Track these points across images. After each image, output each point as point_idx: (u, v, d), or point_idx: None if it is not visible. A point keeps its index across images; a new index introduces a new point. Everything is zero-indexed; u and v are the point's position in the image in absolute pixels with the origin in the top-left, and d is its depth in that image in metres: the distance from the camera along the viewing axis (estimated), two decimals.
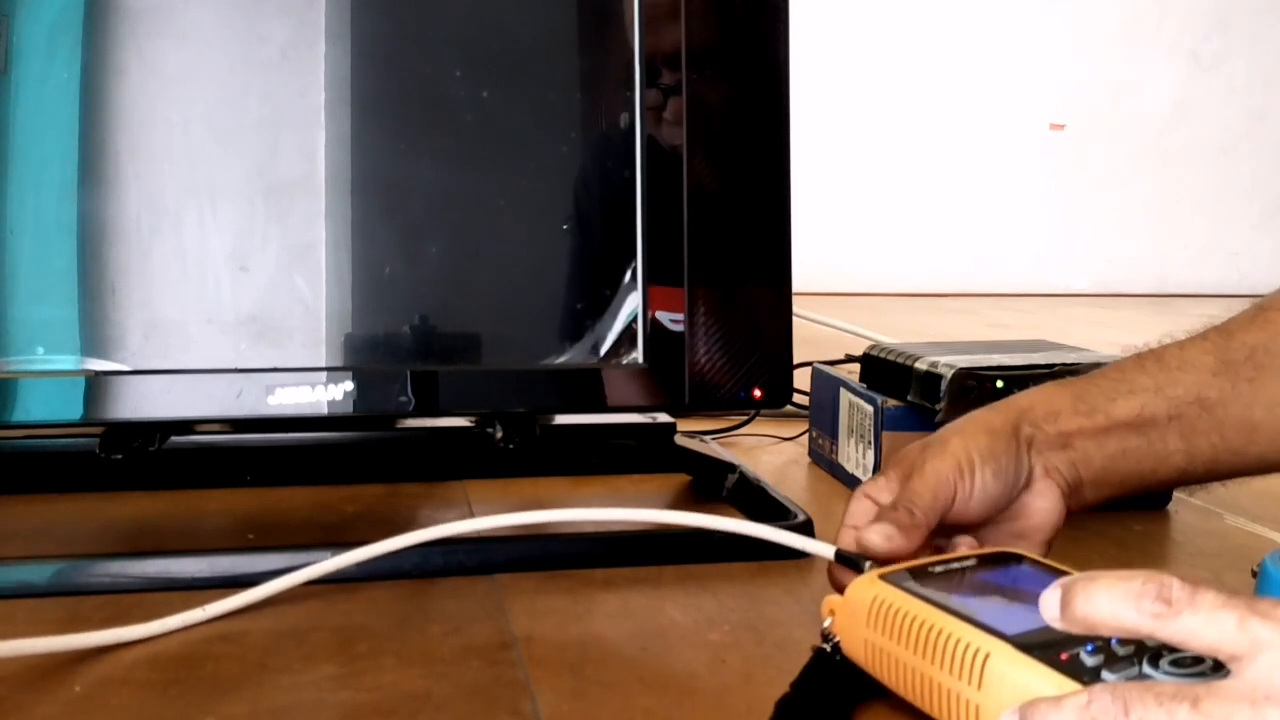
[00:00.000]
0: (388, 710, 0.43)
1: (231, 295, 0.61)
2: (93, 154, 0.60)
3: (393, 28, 0.63)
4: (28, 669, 0.45)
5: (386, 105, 0.63)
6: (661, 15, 0.64)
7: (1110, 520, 0.70)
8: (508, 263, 0.65)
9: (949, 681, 0.39)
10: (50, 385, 0.59)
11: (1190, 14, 3.29)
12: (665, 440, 0.79)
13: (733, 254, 0.65)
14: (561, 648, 0.49)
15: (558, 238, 0.65)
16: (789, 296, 0.66)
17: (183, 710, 0.42)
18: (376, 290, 0.62)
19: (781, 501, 0.66)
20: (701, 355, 0.65)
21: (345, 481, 0.75)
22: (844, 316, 1.50)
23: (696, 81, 0.64)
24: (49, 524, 0.66)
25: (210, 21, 0.61)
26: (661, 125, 0.60)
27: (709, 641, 0.50)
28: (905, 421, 0.71)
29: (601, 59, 0.65)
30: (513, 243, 0.65)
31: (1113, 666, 0.36)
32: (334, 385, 0.61)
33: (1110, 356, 0.73)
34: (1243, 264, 3.38)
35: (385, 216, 0.63)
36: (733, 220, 0.65)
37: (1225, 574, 0.61)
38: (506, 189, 0.64)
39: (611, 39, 0.65)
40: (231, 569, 0.55)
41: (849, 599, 0.44)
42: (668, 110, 0.56)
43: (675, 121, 0.59)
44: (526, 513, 0.55)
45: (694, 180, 0.65)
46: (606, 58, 0.65)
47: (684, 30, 0.64)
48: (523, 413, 0.65)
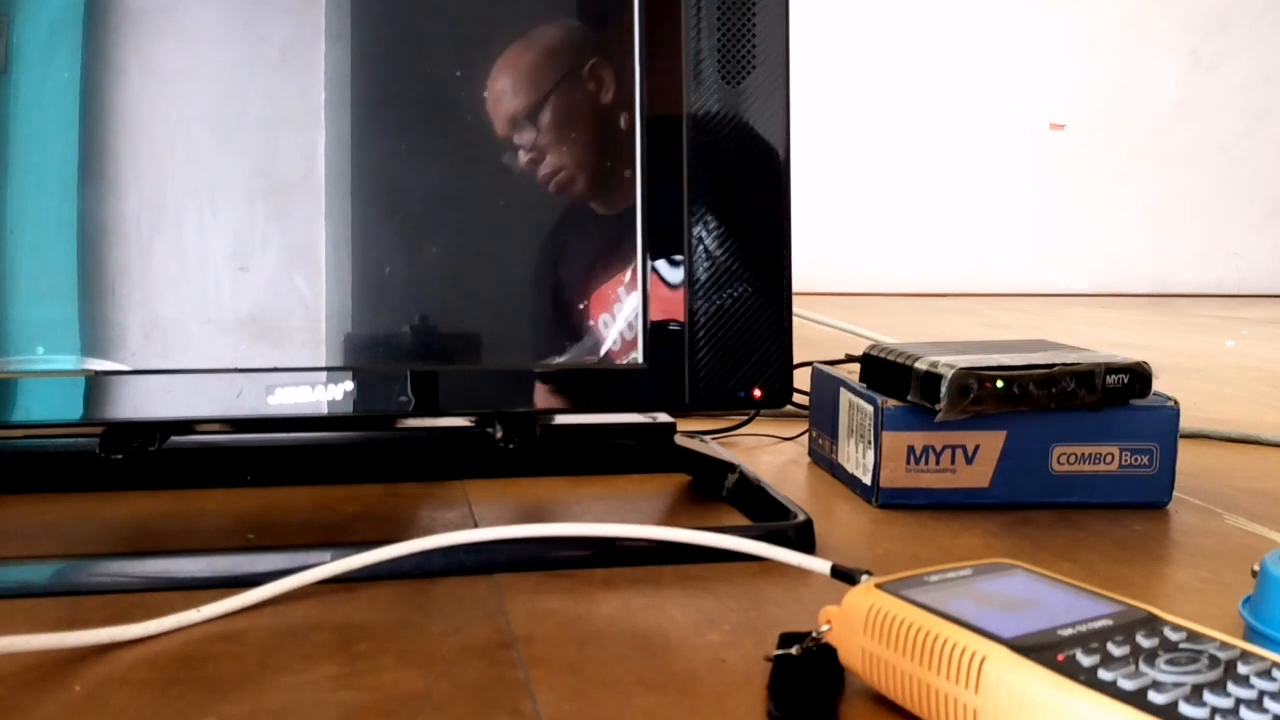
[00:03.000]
0: (388, 710, 0.43)
1: (231, 295, 0.61)
2: (93, 154, 0.60)
3: (393, 28, 0.63)
4: (27, 669, 0.45)
5: (386, 105, 0.63)
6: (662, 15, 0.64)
7: (1110, 520, 0.70)
8: (508, 263, 0.65)
9: (946, 686, 0.39)
10: (50, 385, 0.59)
11: (1190, 14, 3.29)
12: (665, 440, 0.79)
13: (733, 253, 0.65)
14: (561, 648, 0.49)
15: (558, 238, 0.65)
16: (789, 296, 0.66)
17: (183, 710, 0.42)
18: (376, 290, 0.62)
19: (781, 502, 0.66)
20: (701, 355, 0.65)
21: (345, 481, 0.75)
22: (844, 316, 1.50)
23: (696, 81, 0.64)
24: (49, 524, 0.66)
25: (210, 21, 0.61)
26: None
27: (709, 641, 0.50)
28: (905, 421, 0.71)
29: (602, 59, 0.65)
30: (513, 242, 0.65)
31: (1109, 667, 0.36)
32: (334, 385, 0.61)
33: (1110, 356, 0.74)
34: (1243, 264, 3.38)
35: (385, 216, 0.63)
36: (733, 220, 0.65)
37: (1225, 574, 0.61)
38: (507, 189, 0.64)
39: (612, 39, 0.65)
40: (231, 569, 0.55)
41: (846, 608, 0.44)
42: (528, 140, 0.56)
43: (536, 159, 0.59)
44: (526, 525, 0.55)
45: (694, 180, 0.65)
46: (607, 57, 0.65)
47: (683, 29, 0.64)
48: (523, 413, 0.65)
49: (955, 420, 0.69)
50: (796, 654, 0.46)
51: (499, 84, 0.58)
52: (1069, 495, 0.72)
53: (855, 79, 3.10)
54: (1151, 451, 0.72)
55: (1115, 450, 0.72)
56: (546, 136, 0.59)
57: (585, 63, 0.59)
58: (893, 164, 3.15)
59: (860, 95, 3.11)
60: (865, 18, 3.10)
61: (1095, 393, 0.71)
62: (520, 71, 0.59)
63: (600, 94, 0.59)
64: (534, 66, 0.59)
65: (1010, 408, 0.69)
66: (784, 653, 0.46)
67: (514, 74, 0.59)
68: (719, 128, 0.65)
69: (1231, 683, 0.36)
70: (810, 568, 0.52)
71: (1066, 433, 0.72)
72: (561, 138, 0.60)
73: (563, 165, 0.60)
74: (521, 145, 0.59)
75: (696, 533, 0.57)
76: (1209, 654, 0.37)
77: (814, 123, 2.94)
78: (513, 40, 0.64)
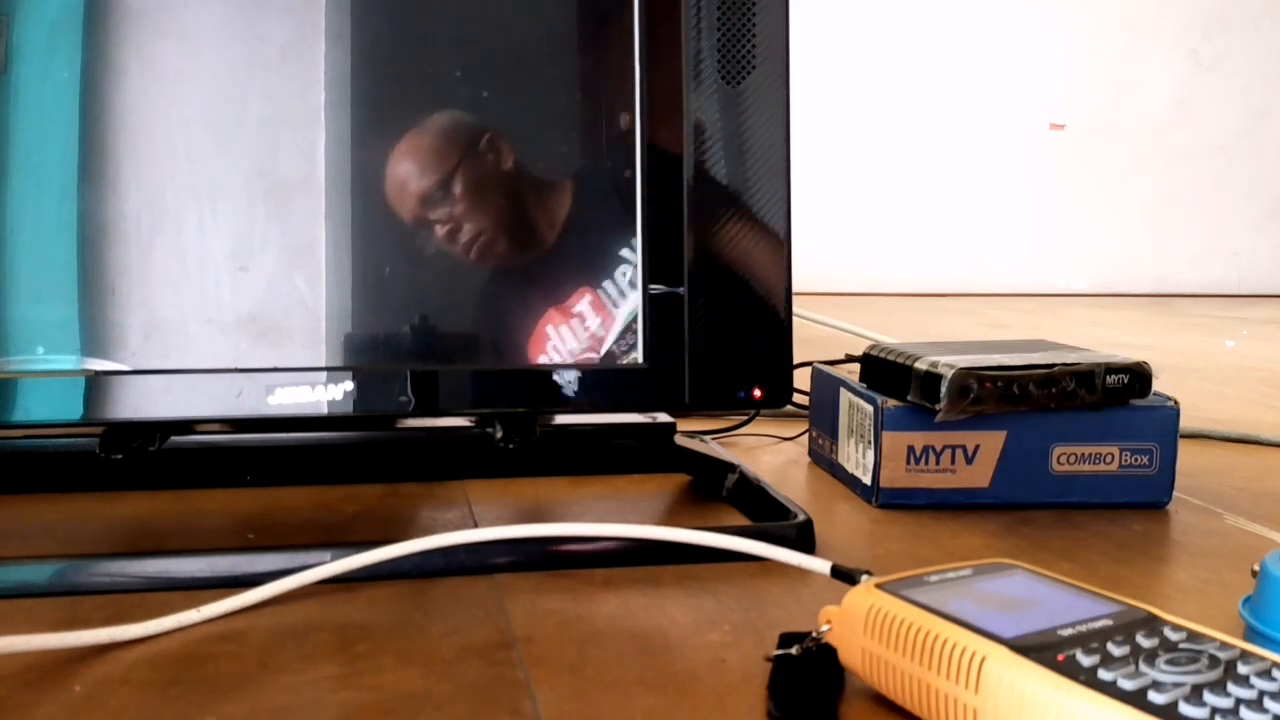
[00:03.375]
0: (388, 710, 0.43)
1: (231, 295, 0.61)
2: (93, 154, 0.60)
3: (393, 28, 0.63)
4: (27, 669, 0.45)
5: (386, 105, 0.63)
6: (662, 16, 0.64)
7: (1110, 520, 0.70)
8: (508, 262, 0.64)
9: (946, 686, 0.39)
10: (50, 385, 0.59)
11: (1190, 14, 3.29)
12: (665, 440, 0.79)
13: (733, 254, 0.65)
14: (561, 648, 0.49)
15: (557, 238, 0.65)
16: (789, 296, 0.66)
17: (183, 710, 0.42)
18: (376, 290, 0.62)
19: (781, 501, 0.66)
20: (701, 355, 0.65)
21: (345, 481, 0.75)
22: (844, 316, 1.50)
23: (696, 81, 0.64)
24: (49, 524, 0.66)
25: (210, 21, 0.61)
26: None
27: (709, 641, 0.50)
28: (905, 421, 0.71)
29: (601, 59, 0.65)
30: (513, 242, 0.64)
31: (1109, 667, 0.36)
32: (334, 385, 0.61)
33: (1110, 356, 0.74)
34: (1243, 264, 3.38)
35: (385, 216, 0.63)
36: (733, 220, 0.65)
37: (1225, 574, 0.61)
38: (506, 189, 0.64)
39: (611, 39, 0.65)
40: (231, 569, 0.55)
41: (846, 608, 0.44)
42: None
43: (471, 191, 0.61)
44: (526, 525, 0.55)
45: (694, 180, 0.65)
46: (606, 57, 0.65)
47: (683, 29, 0.64)
48: (523, 413, 0.65)
49: (955, 420, 0.69)
50: (796, 654, 0.46)
51: (401, 170, 0.62)
52: (1069, 495, 0.72)
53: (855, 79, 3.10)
54: (1151, 451, 0.72)
55: (1115, 450, 0.72)
56: (460, 206, 0.62)
57: (481, 138, 0.62)
58: (893, 164, 3.15)
59: (860, 95, 3.11)
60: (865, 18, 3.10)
61: (1095, 393, 0.71)
62: (421, 154, 0.62)
63: (500, 164, 0.62)
64: (434, 148, 0.62)
65: (1010, 408, 0.69)
66: (784, 653, 0.46)
67: (415, 158, 0.62)
68: (719, 128, 0.65)
69: (1231, 683, 0.36)
70: (810, 568, 0.52)
71: (1066, 433, 0.72)
72: (475, 205, 0.62)
73: (481, 229, 0.62)
74: (438, 219, 0.62)
75: (697, 533, 0.57)
76: (1209, 654, 0.37)
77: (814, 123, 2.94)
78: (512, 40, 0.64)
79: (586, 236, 0.65)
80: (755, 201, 0.65)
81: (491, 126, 0.63)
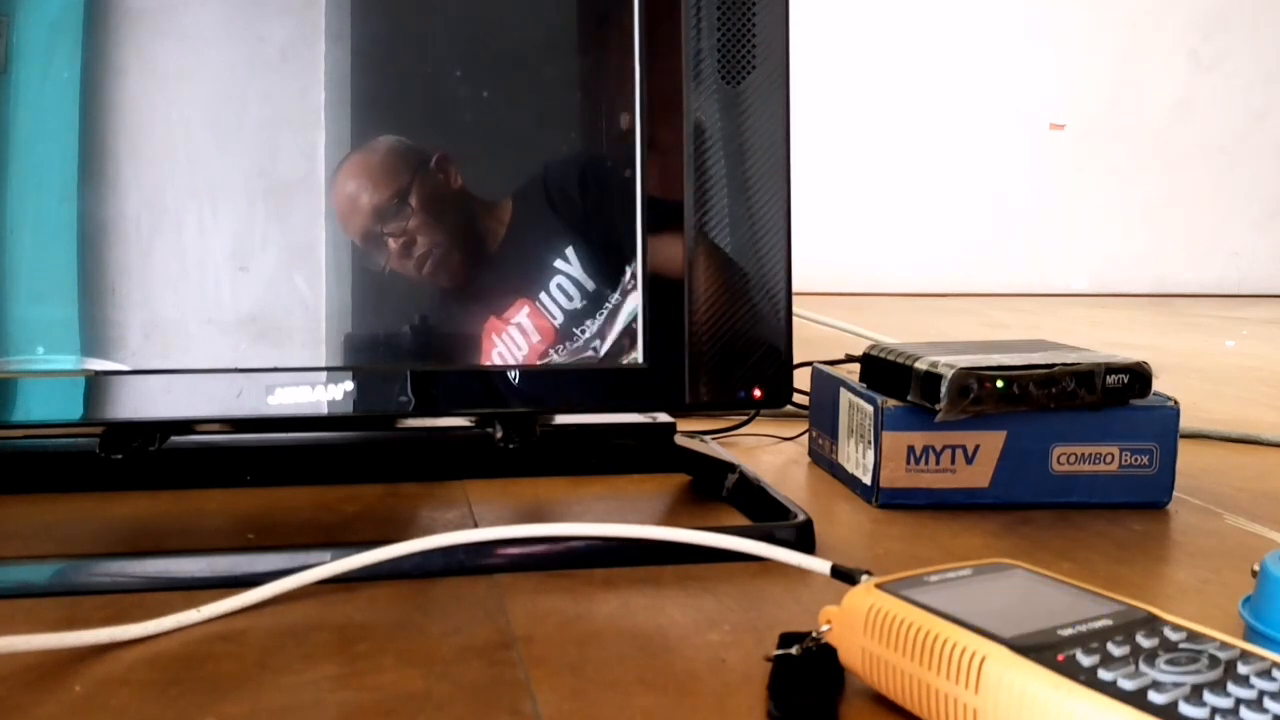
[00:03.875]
0: (388, 710, 0.43)
1: (231, 295, 0.61)
2: (93, 154, 0.60)
3: (393, 28, 0.63)
4: (27, 669, 0.45)
5: (386, 105, 0.63)
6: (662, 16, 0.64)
7: (1110, 520, 0.70)
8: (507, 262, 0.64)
9: (946, 686, 0.39)
10: (50, 385, 0.59)
11: (1190, 14, 3.29)
12: (665, 440, 0.79)
13: (733, 253, 0.65)
14: (561, 648, 0.49)
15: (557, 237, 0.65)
16: (789, 296, 0.66)
17: (183, 710, 0.42)
18: (376, 290, 0.62)
19: (781, 502, 0.66)
20: (701, 355, 0.65)
21: (345, 481, 0.75)
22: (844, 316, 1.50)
23: (696, 81, 0.64)
24: (49, 524, 0.66)
25: (210, 21, 0.61)
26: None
27: (709, 641, 0.50)
28: (905, 421, 0.71)
29: (602, 59, 0.65)
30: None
31: (1109, 667, 0.36)
32: (334, 385, 0.61)
33: (1110, 356, 0.74)
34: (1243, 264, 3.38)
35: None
36: (733, 220, 0.65)
37: (1225, 574, 0.61)
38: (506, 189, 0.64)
39: (611, 39, 0.65)
40: (231, 569, 0.55)
41: (846, 608, 0.44)
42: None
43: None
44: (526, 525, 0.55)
45: (694, 180, 0.65)
46: (606, 57, 0.65)
47: (683, 29, 0.64)
48: (523, 413, 0.65)
49: (955, 420, 0.69)
50: (796, 654, 0.46)
51: (350, 187, 0.62)
52: (1069, 495, 0.72)
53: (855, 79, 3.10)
54: (1151, 451, 0.72)
55: (1115, 450, 0.72)
56: (416, 220, 0.62)
57: (431, 157, 0.62)
58: (893, 164, 3.15)
59: (860, 95, 3.11)
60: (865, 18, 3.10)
61: (1095, 393, 0.71)
62: (372, 171, 0.62)
63: (450, 182, 0.63)
64: (384, 164, 0.62)
65: (1010, 408, 0.69)
66: (784, 653, 0.46)
67: (366, 174, 0.62)
68: (719, 128, 0.65)
69: (1231, 683, 0.36)
70: (810, 568, 0.52)
71: (1066, 433, 0.72)
72: (429, 221, 0.62)
73: (435, 243, 0.63)
74: (391, 234, 0.62)
75: (696, 533, 0.57)
76: (1209, 654, 0.37)
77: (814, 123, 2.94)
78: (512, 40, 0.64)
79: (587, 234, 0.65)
80: (755, 201, 0.65)
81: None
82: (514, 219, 0.64)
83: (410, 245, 0.61)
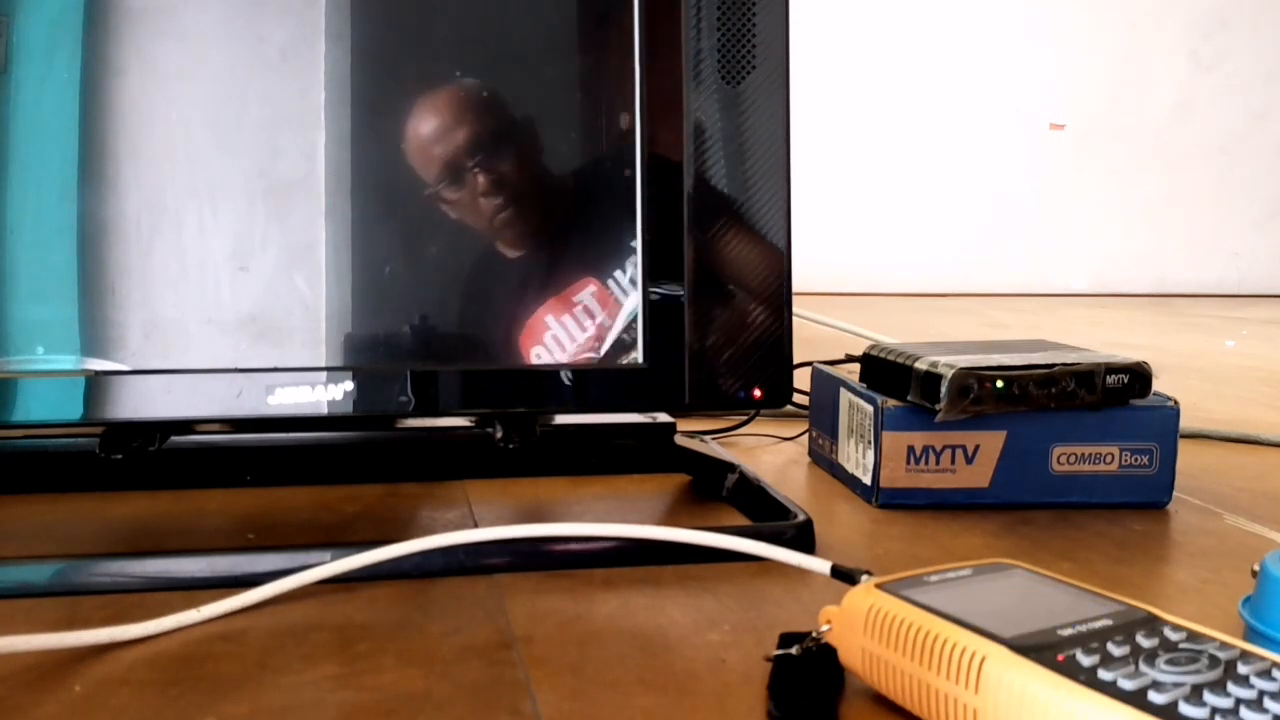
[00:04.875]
0: (388, 710, 0.43)
1: (231, 295, 0.61)
2: (93, 154, 0.60)
3: (393, 28, 0.63)
4: (27, 669, 0.45)
5: (386, 105, 0.63)
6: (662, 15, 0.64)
7: (1110, 520, 0.70)
8: (507, 262, 0.65)
9: (946, 686, 0.39)
10: (50, 385, 0.59)
11: (1190, 14, 3.29)
12: (665, 440, 0.79)
13: (733, 253, 0.65)
14: (561, 648, 0.49)
15: (557, 237, 0.65)
16: (789, 296, 0.66)
17: (183, 710, 0.42)
18: (376, 290, 0.62)
19: (781, 502, 0.66)
20: (701, 355, 0.65)
21: (345, 481, 0.75)
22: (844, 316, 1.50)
23: (696, 81, 0.64)
24: (49, 524, 0.66)
25: (210, 21, 0.61)
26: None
27: (709, 641, 0.50)
28: (905, 421, 0.71)
29: (601, 59, 0.65)
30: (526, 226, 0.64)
31: (1109, 667, 0.36)
32: (334, 385, 0.61)
33: (1110, 356, 0.74)
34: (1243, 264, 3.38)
35: (385, 216, 0.63)
36: (733, 220, 0.65)
37: (1225, 574, 0.61)
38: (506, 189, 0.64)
39: (611, 39, 0.65)
40: (231, 569, 0.55)
41: (846, 608, 0.44)
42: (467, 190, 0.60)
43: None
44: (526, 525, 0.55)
45: (694, 180, 0.65)
46: (606, 57, 0.65)
47: (683, 29, 0.64)
48: (523, 413, 0.65)
49: (955, 420, 0.69)
50: (796, 654, 0.46)
51: (447, 115, 0.62)
52: (1069, 495, 0.72)
53: (856, 79, 3.10)
54: (1151, 451, 0.72)
55: (1115, 450, 0.72)
56: (508, 166, 0.62)
57: (529, 117, 0.63)
58: (893, 164, 3.15)
59: (860, 95, 3.11)
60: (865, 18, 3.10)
61: (1095, 393, 0.71)
62: (475, 106, 0.62)
63: (541, 145, 0.63)
64: (488, 103, 0.63)
65: (1010, 408, 0.69)
66: (784, 653, 0.46)
67: (469, 106, 0.62)
68: (719, 128, 0.65)
69: (1231, 683, 0.36)
70: (810, 568, 0.52)
71: (1066, 433, 0.72)
72: (517, 173, 0.63)
73: (518, 195, 0.63)
74: (480, 169, 0.62)
75: (696, 533, 0.57)
76: (1209, 654, 0.37)
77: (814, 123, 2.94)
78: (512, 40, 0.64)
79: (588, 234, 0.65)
80: (755, 201, 0.65)
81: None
82: (576, 201, 0.64)
83: (497, 188, 0.60)
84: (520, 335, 0.63)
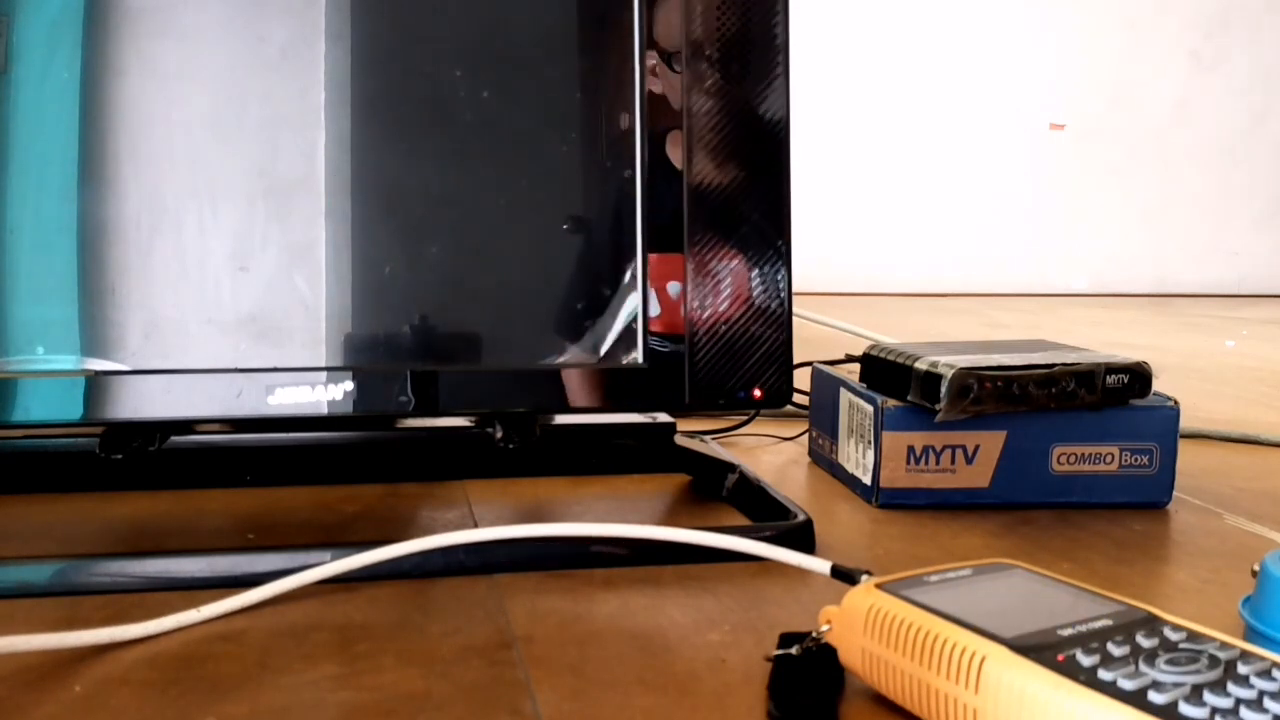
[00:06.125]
0: (388, 710, 0.43)
1: (231, 295, 0.61)
2: (93, 154, 0.60)
3: (393, 28, 0.63)
4: (27, 669, 0.45)
5: (386, 105, 0.63)
6: (663, 14, 0.64)
7: (1110, 520, 0.70)
8: (508, 263, 0.65)
9: (946, 686, 0.39)
10: (50, 385, 0.59)
11: (1190, 14, 3.29)
12: (665, 440, 0.79)
13: (733, 253, 0.65)
14: (561, 648, 0.49)
15: (557, 238, 0.65)
16: (789, 296, 0.66)
17: (183, 710, 0.42)
18: (376, 290, 0.62)
19: (781, 502, 0.66)
20: (701, 355, 0.65)
21: (345, 481, 0.75)
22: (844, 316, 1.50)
23: (696, 80, 0.64)
24: (49, 524, 0.66)
25: (210, 21, 0.61)
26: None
27: (709, 641, 0.50)
28: (905, 421, 0.71)
29: (601, 59, 0.65)
30: (513, 243, 0.65)
31: (1109, 666, 0.36)
32: (334, 385, 0.61)
33: (1110, 356, 0.74)
34: (1243, 264, 3.38)
35: (385, 216, 0.63)
36: (733, 220, 0.65)
37: (1225, 574, 0.61)
38: (506, 189, 0.64)
39: (611, 39, 0.65)
40: (231, 569, 0.55)
41: (846, 608, 0.44)
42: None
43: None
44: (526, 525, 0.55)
45: (694, 180, 0.65)
46: (606, 58, 0.65)
47: (684, 29, 0.64)
48: (523, 413, 0.65)
49: (955, 420, 0.69)
50: (796, 654, 0.46)
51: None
52: (1069, 495, 0.72)
53: (856, 79, 3.10)
54: (1151, 451, 0.72)
55: (1115, 450, 0.72)
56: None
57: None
58: (893, 164, 3.15)
59: (860, 95, 3.11)
60: (865, 18, 3.10)
61: (1095, 393, 0.71)
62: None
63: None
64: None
65: (1010, 408, 0.69)
66: (784, 653, 0.46)
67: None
68: (719, 128, 0.65)
69: (1231, 683, 0.36)
70: (810, 568, 0.52)
71: (1066, 433, 0.72)
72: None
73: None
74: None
75: (697, 533, 0.57)
76: (1209, 654, 0.37)
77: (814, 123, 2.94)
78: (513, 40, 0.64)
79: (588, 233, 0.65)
80: (755, 201, 0.65)
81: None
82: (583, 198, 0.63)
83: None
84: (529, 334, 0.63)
